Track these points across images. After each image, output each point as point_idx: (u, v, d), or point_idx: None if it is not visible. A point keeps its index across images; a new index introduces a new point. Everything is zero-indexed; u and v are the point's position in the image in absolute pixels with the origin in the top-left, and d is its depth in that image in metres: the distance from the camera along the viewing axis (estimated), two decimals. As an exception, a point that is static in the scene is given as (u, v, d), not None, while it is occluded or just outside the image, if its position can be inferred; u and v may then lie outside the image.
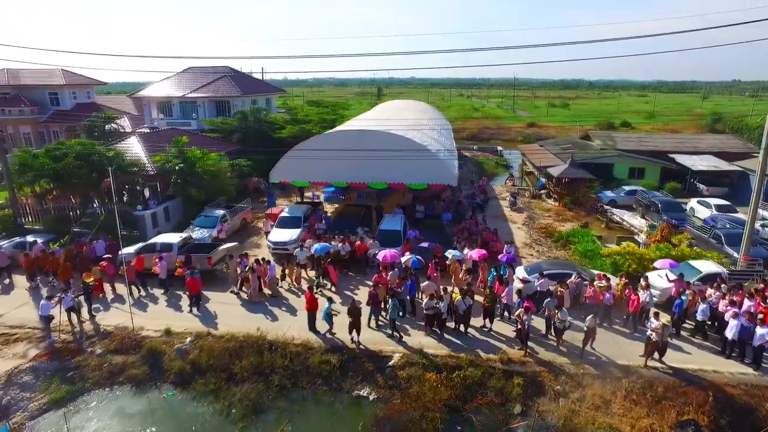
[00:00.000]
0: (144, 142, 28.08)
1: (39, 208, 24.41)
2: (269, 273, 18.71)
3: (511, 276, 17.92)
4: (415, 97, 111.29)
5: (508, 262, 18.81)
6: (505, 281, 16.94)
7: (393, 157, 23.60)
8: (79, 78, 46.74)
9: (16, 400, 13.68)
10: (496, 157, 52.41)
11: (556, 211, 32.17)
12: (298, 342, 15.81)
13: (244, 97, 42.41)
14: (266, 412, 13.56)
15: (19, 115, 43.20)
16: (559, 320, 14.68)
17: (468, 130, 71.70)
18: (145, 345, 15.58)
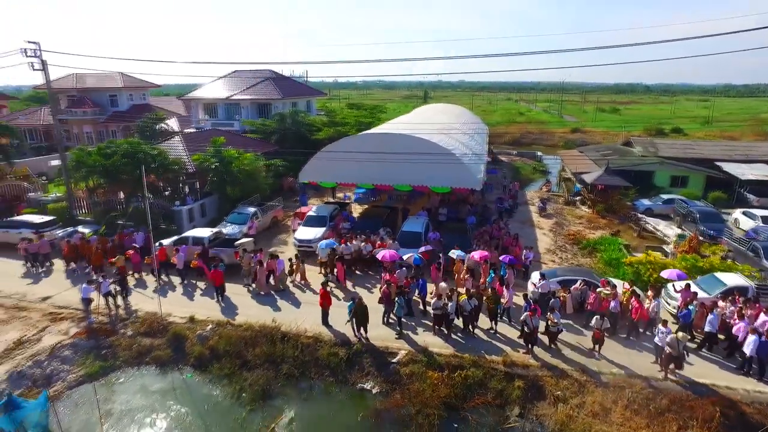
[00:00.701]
0: (186, 142, 29.92)
1: (90, 202, 26.62)
2: (278, 267, 19.61)
3: (511, 277, 18.03)
4: (461, 101, 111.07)
5: (509, 263, 18.91)
6: (505, 282, 17.07)
7: (418, 160, 24.09)
8: (136, 81, 50.11)
9: (57, 371, 15.21)
10: (535, 162, 51.60)
11: (589, 218, 31.54)
12: (310, 334, 16.60)
13: (284, 100, 44.08)
14: (274, 398, 14.40)
15: (83, 115, 46.85)
16: (552, 323, 14.69)
17: (510, 135, 70.83)
18: (171, 330, 16.84)
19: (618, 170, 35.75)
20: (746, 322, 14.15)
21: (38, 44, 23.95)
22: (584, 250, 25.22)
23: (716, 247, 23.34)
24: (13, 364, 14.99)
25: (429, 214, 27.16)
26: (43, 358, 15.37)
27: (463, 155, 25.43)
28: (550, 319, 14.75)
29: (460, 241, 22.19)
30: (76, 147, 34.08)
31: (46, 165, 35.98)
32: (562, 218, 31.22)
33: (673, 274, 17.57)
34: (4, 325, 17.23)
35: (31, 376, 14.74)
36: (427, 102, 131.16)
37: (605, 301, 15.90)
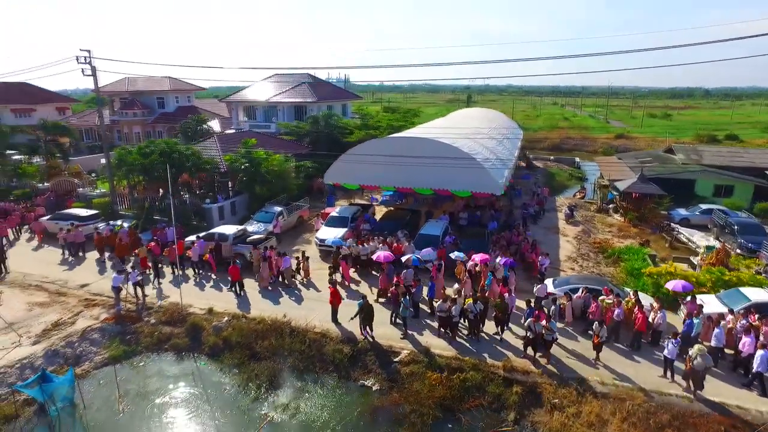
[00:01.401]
0: (220, 142, 31.40)
1: (130, 197, 28.47)
2: (283, 264, 20.36)
3: (512, 280, 17.99)
4: (505, 105, 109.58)
5: (510, 266, 18.83)
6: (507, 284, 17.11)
7: (439, 164, 24.33)
8: (182, 84, 52.83)
9: (86, 351, 16.52)
10: (572, 168, 50.38)
11: (620, 226, 30.67)
12: (318, 330, 17.20)
13: (319, 103, 45.25)
14: (278, 389, 15.06)
15: (133, 117, 49.89)
16: (547, 330, 14.56)
17: (549, 140, 69.37)
18: (190, 320, 17.89)
19: (655, 178, 34.50)
20: (752, 337, 13.57)
21: (89, 52, 25.91)
22: (608, 259, 24.65)
23: (751, 261, 22.23)
24: (50, 343, 16.40)
25: (451, 218, 27.33)
26: (74, 340, 16.74)
27: (486, 160, 25.40)
28: (545, 326, 14.63)
29: (477, 246, 22.26)
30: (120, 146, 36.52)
31: (96, 163, 38.60)
32: (591, 226, 30.52)
33: (678, 286, 17.02)
34: (46, 308, 18.84)
35: (64, 355, 16.09)
36: (469, 106, 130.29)
37: (608, 310, 15.61)
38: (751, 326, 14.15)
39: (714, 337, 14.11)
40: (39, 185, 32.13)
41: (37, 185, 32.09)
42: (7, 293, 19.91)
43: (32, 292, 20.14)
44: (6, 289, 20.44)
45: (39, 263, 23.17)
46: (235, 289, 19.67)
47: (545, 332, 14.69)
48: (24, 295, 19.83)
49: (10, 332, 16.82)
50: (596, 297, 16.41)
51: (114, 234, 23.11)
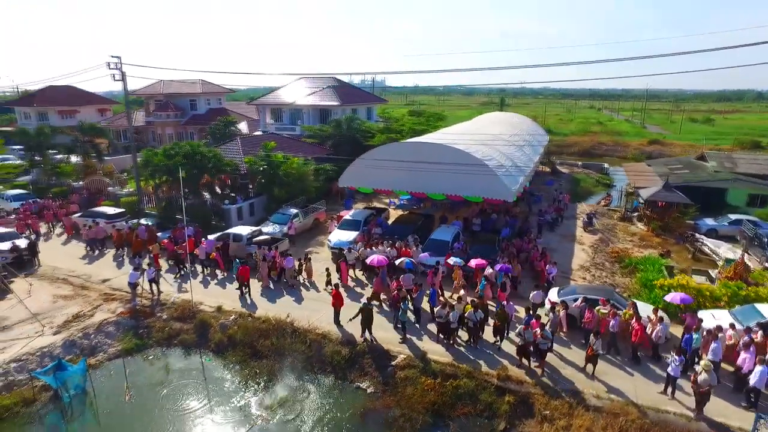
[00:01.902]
0: (243, 145, 32.36)
1: (155, 197, 29.75)
2: (285, 265, 20.90)
3: (507, 287, 18.04)
4: (539, 109, 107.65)
5: (504, 271, 18.85)
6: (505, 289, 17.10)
7: (452, 169, 24.35)
8: (213, 87, 54.61)
9: (101, 343, 17.50)
10: (600, 175, 49.14)
11: (642, 235, 29.85)
12: (320, 332, 17.60)
13: (344, 106, 45.87)
14: (275, 387, 15.55)
15: (166, 118, 51.92)
16: (542, 338, 14.42)
17: (580, 146, 67.77)
18: (198, 317, 18.64)
19: (684, 186, 33.41)
20: (752, 353, 13.11)
21: (120, 58, 27.28)
22: (625, 270, 24.10)
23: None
24: (68, 334, 17.45)
25: (465, 224, 27.30)
26: (91, 332, 17.74)
27: (499, 167, 25.24)
28: (539, 334, 14.52)
29: (486, 252, 22.21)
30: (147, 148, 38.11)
31: (129, 163, 40.38)
32: (612, 234, 29.82)
33: (676, 298, 16.54)
34: (69, 300, 20.01)
35: (80, 346, 17.10)
36: (502, 109, 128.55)
37: (604, 321, 15.35)
38: (752, 342, 13.66)
39: (711, 351, 13.69)
40: (74, 184, 34.03)
41: (73, 184, 33.98)
42: (36, 285, 21.24)
43: (59, 285, 21.41)
44: (36, 281, 21.81)
45: (67, 257, 24.59)
46: (241, 289, 20.30)
47: (539, 340, 14.59)
48: (51, 288, 21.12)
49: (35, 322, 17.97)
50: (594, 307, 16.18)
51: (132, 231, 24.24)
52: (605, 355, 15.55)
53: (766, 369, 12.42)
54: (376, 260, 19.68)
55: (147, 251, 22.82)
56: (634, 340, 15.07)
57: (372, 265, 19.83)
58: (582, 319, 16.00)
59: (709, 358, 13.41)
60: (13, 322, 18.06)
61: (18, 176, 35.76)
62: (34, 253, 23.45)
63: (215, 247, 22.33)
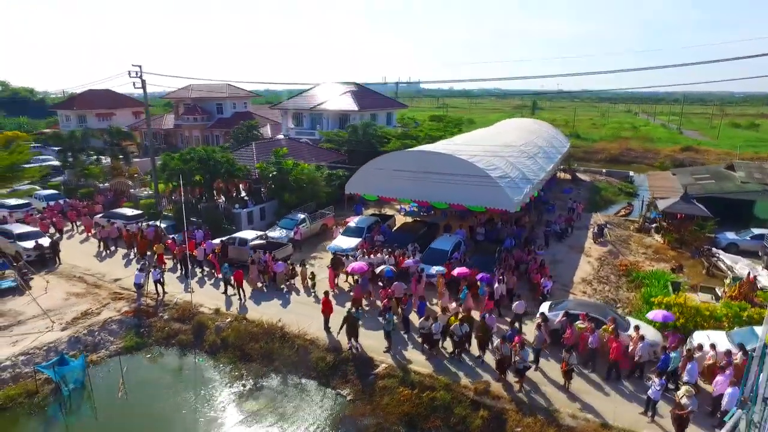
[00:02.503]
0: (259, 150, 33.29)
1: (171, 200, 31.02)
2: (276, 269, 21.55)
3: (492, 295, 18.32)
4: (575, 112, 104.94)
5: (485, 281, 19.05)
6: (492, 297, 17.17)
7: (453, 179, 24.41)
8: (239, 91, 56.20)
9: (104, 340, 18.54)
10: (623, 183, 47.77)
11: (657, 248, 29.03)
12: (309, 337, 18.06)
13: (362, 112, 46.39)
14: (261, 390, 16.12)
15: (193, 122, 53.83)
16: (519, 358, 14.34)
17: (608, 152, 66.00)
18: (196, 318, 19.44)
19: (707, 198, 32.28)
20: (726, 376, 12.73)
21: (140, 67, 28.63)
22: (632, 284, 23.56)
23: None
24: (74, 331, 18.56)
25: (470, 233, 27.25)
26: (95, 329, 18.81)
27: (503, 176, 25.08)
28: (517, 354, 14.47)
29: (485, 263, 22.18)
30: (176, 149, 39.59)
31: (154, 165, 42.24)
32: (625, 246, 29.11)
33: (658, 316, 16.12)
34: (81, 298, 21.24)
35: (84, 342, 18.17)
36: (534, 114, 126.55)
37: (583, 336, 15.16)
38: (729, 365, 13.25)
39: (687, 372, 13.36)
40: (100, 185, 35.86)
41: (99, 185, 35.82)
42: (53, 282, 22.62)
43: (74, 283, 22.73)
44: (54, 278, 23.22)
45: (86, 256, 26.05)
46: (226, 290, 21.21)
47: (518, 361, 14.54)
48: (67, 285, 22.45)
49: (46, 318, 19.17)
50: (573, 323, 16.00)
51: (140, 231, 25.44)
52: (584, 372, 15.39)
53: (737, 391, 12.08)
54: (357, 267, 20.05)
55: (153, 251, 23.88)
56: (611, 358, 14.83)
57: (353, 271, 20.21)
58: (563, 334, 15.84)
59: (685, 379, 13.10)
60: (27, 317, 19.33)
61: (53, 177, 37.99)
62: (55, 251, 24.92)
63: (213, 250, 23.13)
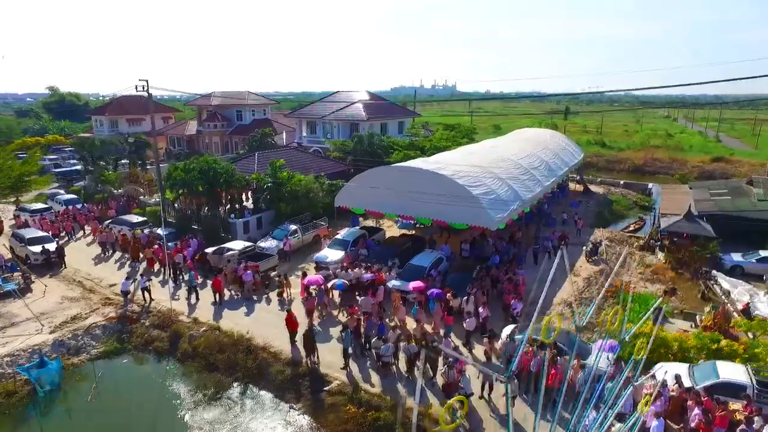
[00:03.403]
0: (259, 160, 34.32)
1: (173, 208, 32.45)
2: (244, 278, 22.52)
3: (438, 314, 18.62)
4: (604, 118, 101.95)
5: (437, 297, 19.28)
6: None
7: (439, 195, 24.52)
8: (258, 98, 57.87)
9: (86, 345, 19.79)
10: (640, 196, 46.21)
11: (657, 268, 28.14)
12: (272, 350, 18.68)
13: (371, 121, 46.91)
14: (219, 399, 16.85)
15: (213, 128, 55.81)
16: (461, 385, 14.44)
17: (632, 162, 63.80)
18: (173, 327, 20.42)
19: (720, 215, 31.18)
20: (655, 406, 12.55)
21: (147, 81, 30.14)
22: (613, 307, 22.98)
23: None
24: (60, 334, 19.89)
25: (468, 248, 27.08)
26: (80, 333, 20.08)
27: (487, 193, 24.97)
28: (458, 381, 14.60)
29: (461, 281, 22.25)
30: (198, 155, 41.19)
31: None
32: (621, 265, 28.33)
33: (606, 346, 15.70)
34: (74, 302, 22.66)
35: (68, 346, 19.45)
36: (567, 119, 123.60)
37: (525, 360, 15.14)
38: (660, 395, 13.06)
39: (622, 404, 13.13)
40: (114, 191, 37.88)
41: (113, 191, 37.84)
42: (52, 286, 24.19)
43: (72, 287, 24.25)
44: (55, 282, 24.83)
45: (89, 261, 27.69)
46: (215, 299, 22.15)
47: (459, 384, 14.65)
48: (65, 289, 23.98)
49: (37, 321, 20.60)
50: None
51: (134, 237, 26.85)
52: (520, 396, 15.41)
53: (661, 423, 11.90)
54: (314, 280, 20.95)
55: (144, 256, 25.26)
56: (549, 384, 14.71)
57: (309, 283, 21.07)
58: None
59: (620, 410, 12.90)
60: (21, 319, 20.85)
61: (76, 182, 40.44)
62: (61, 255, 26.63)
63: (192, 256, 24.23)
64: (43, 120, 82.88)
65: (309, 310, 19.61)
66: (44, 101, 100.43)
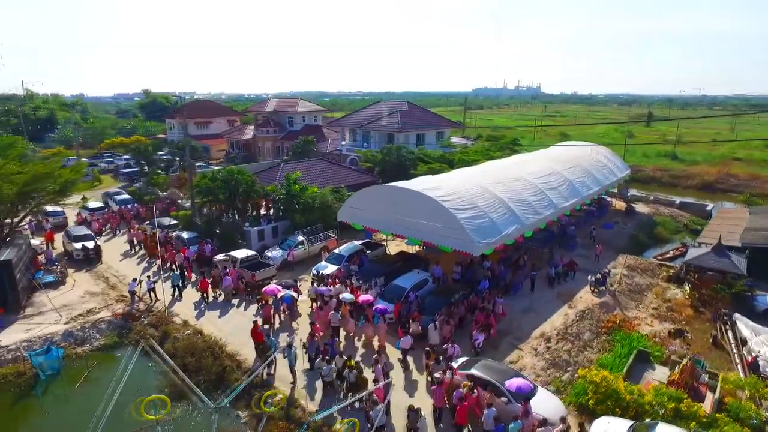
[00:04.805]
0: (282, 170, 36.20)
1: (200, 214, 35.29)
2: (224, 283, 24.62)
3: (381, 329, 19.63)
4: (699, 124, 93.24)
5: (381, 313, 19.97)
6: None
7: (427, 216, 24.68)
8: (310, 106, 60.36)
9: (90, 337, 22.57)
10: (695, 218, 42.18)
11: (676, 304, 26.18)
12: (239, 358, 20.19)
13: (406, 132, 47.30)
14: (178, 401, 18.56)
15: (266, 134, 59.24)
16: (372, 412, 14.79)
17: (703, 178, 58.03)
18: (164, 327, 22.61)
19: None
20: None
21: (181, 96, 33.06)
22: (603, 345, 21.88)
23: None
24: (72, 326, 22.85)
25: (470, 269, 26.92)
26: (88, 326, 22.91)
27: (477, 216, 24.51)
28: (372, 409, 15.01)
29: (438, 305, 22.31)
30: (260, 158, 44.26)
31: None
32: (635, 298, 26.56)
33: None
34: (94, 297, 25.79)
35: (75, 336, 22.32)
36: (649, 125, 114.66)
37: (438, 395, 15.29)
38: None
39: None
40: (160, 193, 41.87)
41: (159, 193, 41.83)
42: (83, 280, 27.65)
43: (98, 283, 27.55)
44: (86, 276, 28.32)
45: (122, 257, 31.12)
46: (204, 297, 24.42)
47: (371, 413, 15.03)
48: (91, 284, 27.31)
49: (56, 312, 23.77)
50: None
51: (153, 236, 29.76)
52: None
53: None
54: (269, 290, 22.64)
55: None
56: (456, 421, 14.70)
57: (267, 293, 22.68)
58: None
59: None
60: (47, 309, 24.19)
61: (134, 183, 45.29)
62: (98, 253, 30.27)
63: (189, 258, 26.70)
64: (134, 121, 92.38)
65: (266, 318, 20.93)
66: (140, 102, 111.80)
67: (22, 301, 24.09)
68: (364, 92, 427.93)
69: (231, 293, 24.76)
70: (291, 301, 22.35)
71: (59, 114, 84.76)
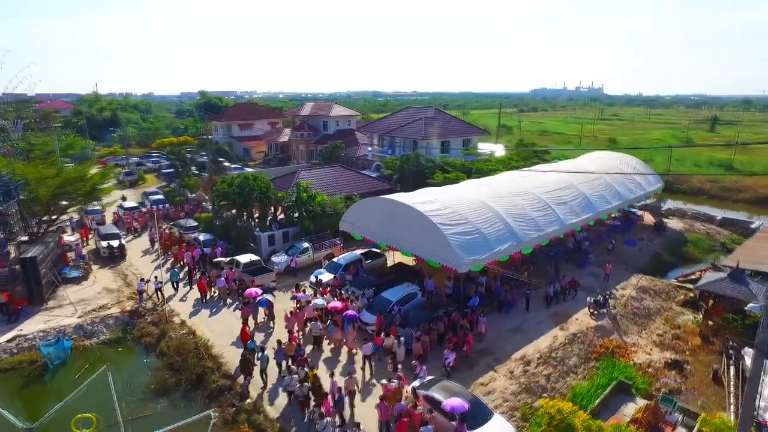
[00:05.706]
0: (303, 177, 37.30)
1: (218, 217, 37.11)
2: (218, 284, 26.01)
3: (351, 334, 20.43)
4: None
5: (350, 319, 20.63)
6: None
7: (418, 230, 24.80)
8: (344, 110, 61.47)
9: (98, 331, 24.56)
10: (734, 235, 39.15)
11: (685, 332, 24.80)
12: (222, 360, 21.29)
13: (429, 139, 47.11)
14: (159, 397, 19.91)
15: (301, 137, 60.97)
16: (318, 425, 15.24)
17: (757, 191, 53.58)
18: (163, 326, 24.21)
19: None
20: None
21: (205, 105, 34.90)
22: (590, 372, 21.17)
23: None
24: (84, 320, 24.95)
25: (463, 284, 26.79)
26: (97, 321, 24.95)
27: (467, 232, 24.27)
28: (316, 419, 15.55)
29: (419, 320, 22.40)
30: (293, 161, 46.04)
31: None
32: (638, 323, 25.34)
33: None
34: (110, 293, 27.96)
35: (84, 330, 24.37)
36: (713, 130, 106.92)
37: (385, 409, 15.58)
38: None
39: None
40: (189, 195, 44.32)
41: (188, 195, 44.29)
42: (103, 276, 30.01)
43: (116, 279, 29.80)
44: (108, 273, 30.70)
45: (143, 256, 33.45)
46: (203, 297, 25.95)
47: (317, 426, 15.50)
48: (110, 281, 29.59)
49: (73, 306, 26.02)
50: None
51: (170, 234, 31.60)
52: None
53: None
54: (249, 293, 23.79)
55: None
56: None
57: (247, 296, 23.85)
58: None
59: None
60: (67, 302, 26.53)
61: (170, 184, 48.30)
62: (122, 251, 32.73)
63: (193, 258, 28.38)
64: (188, 121, 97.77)
65: (244, 317, 22.24)
66: (196, 102, 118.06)
67: (45, 295, 26.55)
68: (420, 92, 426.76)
69: (226, 293, 26.18)
70: (267, 305, 23.28)
71: (120, 115, 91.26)
